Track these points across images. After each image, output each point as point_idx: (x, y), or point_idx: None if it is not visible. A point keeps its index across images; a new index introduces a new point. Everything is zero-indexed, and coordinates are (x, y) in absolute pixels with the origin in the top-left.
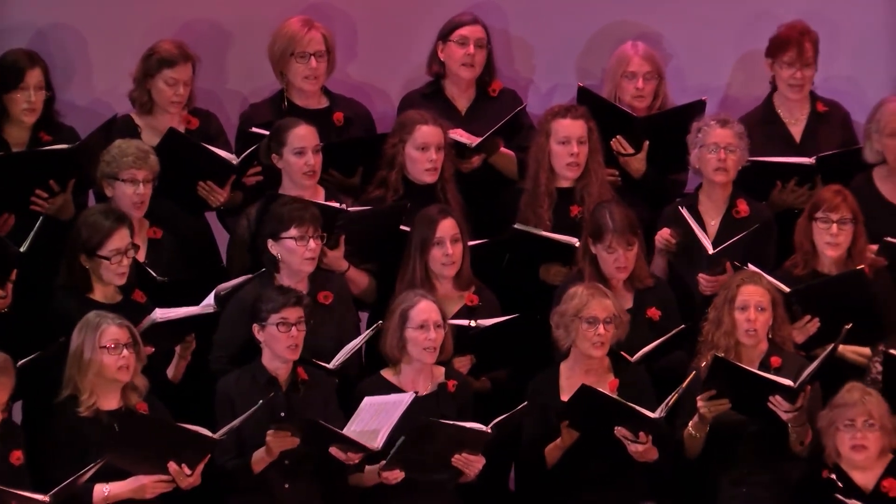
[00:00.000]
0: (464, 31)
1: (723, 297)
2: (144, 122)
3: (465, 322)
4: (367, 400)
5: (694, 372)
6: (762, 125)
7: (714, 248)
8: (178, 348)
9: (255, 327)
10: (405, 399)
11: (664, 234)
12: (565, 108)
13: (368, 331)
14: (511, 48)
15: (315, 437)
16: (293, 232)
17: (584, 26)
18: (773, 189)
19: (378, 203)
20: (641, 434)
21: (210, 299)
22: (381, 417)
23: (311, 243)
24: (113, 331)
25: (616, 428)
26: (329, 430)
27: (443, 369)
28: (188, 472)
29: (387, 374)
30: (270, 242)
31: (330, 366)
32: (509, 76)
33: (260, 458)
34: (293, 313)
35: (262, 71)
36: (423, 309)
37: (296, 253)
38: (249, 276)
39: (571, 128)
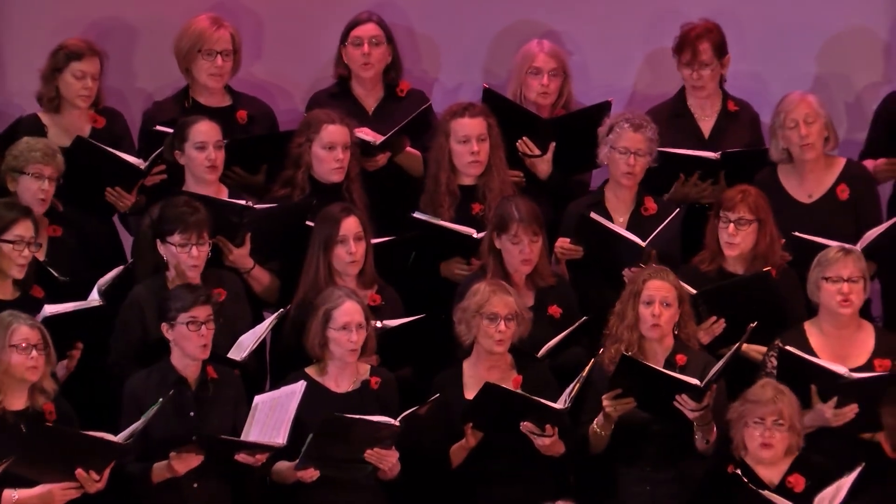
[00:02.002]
0: (357, 31)
1: (629, 291)
2: (51, 120)
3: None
4: (258, 399)
5: (593, 360)
6: (672, 118)
7: (643, 241)
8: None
9: (164, 326)
10: (297, 389)
11: (564, 245)
12: (463, 107)
13: (272, 318)
14: (417, 46)
15: (218, 451)
16: (176, 238)
17: (490, 25)
18: (676, 181)
19: (284, 202)
20: (547, 427)
21: (94, 294)
22: (277, 412)
23: (194, 251)
24: (24, 331)
25: (522, 423)
26: (230, 441)
27: (368, 367)
28: (96, 477)
29: (311, 371)
30: (158, 242)
31: (238, 358)
32: (416, 74)
33: (160, 473)
34: (202, 311)
35: (170, 69)
36: (347, 311)
37: (179, 258)
38: (124, 266)
39: (470, 126)
